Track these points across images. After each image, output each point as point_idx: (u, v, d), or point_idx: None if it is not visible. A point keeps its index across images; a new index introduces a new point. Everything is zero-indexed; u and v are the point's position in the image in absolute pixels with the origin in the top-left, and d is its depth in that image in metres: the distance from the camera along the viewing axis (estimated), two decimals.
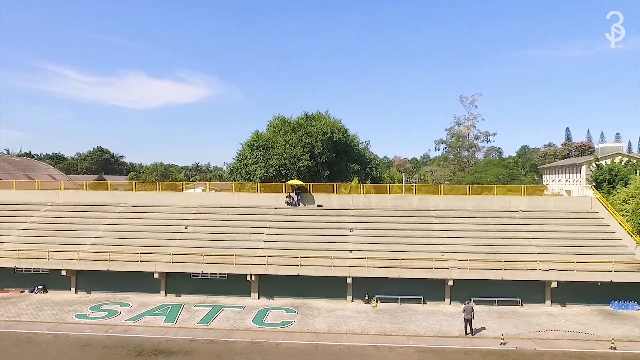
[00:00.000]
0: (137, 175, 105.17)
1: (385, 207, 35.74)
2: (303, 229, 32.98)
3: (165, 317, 24.98)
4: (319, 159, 41.32)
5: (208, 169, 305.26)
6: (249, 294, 28.67)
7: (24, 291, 29.94)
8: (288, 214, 34.98)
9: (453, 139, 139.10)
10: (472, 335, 22.51)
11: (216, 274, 29.00)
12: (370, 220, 34.09)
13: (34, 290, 29.88)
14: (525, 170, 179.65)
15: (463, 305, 23.50)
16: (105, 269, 28.90)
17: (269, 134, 42.54)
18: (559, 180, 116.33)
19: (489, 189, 41.77)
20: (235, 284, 28.71)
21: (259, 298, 28.51)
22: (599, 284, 27.30)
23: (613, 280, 26.80)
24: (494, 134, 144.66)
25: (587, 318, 25.45)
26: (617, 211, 33.75)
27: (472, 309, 22.95)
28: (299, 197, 35.78)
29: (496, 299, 27.53)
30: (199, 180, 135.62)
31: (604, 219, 32.80)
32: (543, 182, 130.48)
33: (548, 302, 27.63)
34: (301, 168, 39.99)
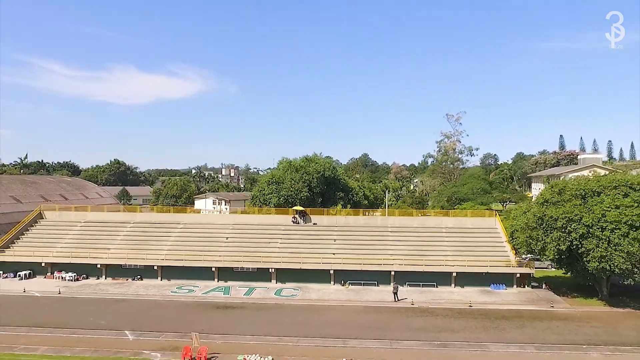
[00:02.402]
0: (160, 190, 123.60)
1: (358, 225, 54.93)
2: (303, 239, 52.18)
3: (222, 292, 44.13)
4: (314, 190, 60.64)
5: (210, 175, 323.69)
6: (270, 280, 47.70)
7: (128, 279, 49.03)
8: (293, 229, 54.17)
9: (440, 152, 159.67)
10: (398, 301, 41.51)
11: (249, 267, 48.06)
12: (348, 233, 53.21)
13: (134, 278, 49.02)
14: (513, 179, 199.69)
15: (393, 285, 42.68)
16: (181, 265, 48.09)
17: (280, 172, 62.19)
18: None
19: (428, 212, 60.60)
20: (261, 274, 47.77)
21: (276, 283, 47.55)
22: (484, 273, 46.35)
23: (489, 272, 45.92)
24: (477, 149, 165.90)
25: (471, 294, 44.39)
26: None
27: (398, 287, 42.11)
28: (301, 218, 55.01)
29: (421, 283, 46.47)
30: (209, 191, 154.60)
31: (499, 233, 51.87)
32: (531, 191, 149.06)
33: (453, 285, 46.53)
34: (302, 197, 59.30)
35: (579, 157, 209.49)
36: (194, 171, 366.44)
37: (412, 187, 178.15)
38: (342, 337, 31.15)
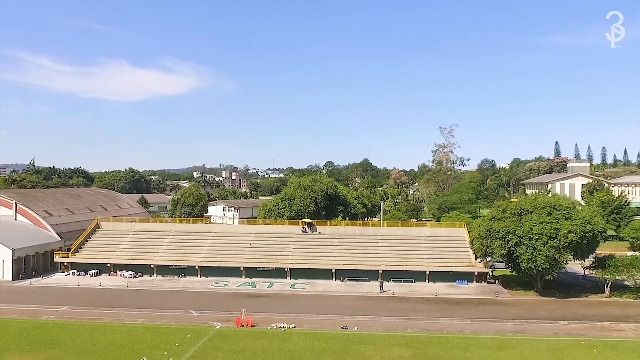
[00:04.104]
0: (177, 199, 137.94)
1: (354, 233, 69.87)
2: (311, 245, 67.08)
3: (250, 286, 58.99)
4: (319, 205, 75.84)
5: (213, 179, 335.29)
6: (285, 277, 62.42)
7: (174, 277, 63.83)
8: (303, 237, 69.08)
9: (434, 163, 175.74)
10: (383, 292, 56.33)
11: (269, 267, 62.93)
12: (346, 240, 68.09)
13: (179, 276, 63.84)
14: (509, 185, 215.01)
15: (379, 280, 57.64)
16: (216, 265, 62.99)
17: (291, 191, 77.59)
18: (549, 192, 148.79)
19: (410, 224, 75.50)
20: (278, 273, 62.57)
21: (290, 279, 62.26)
22: (451, 272, 61.18)
23: (455, 270, 60.77)
24: (468, 159, 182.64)
25: (439, 287, 59.07)
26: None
27: (383, 282, 57.04)
28: (309, 228, 69.96)
29: (402, 279, 61.17)
30: (218, 198, 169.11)
31: (465, 240, 66.65)
32: (538, 192, 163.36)
33: (427, 281, 61.18)
34: (309, 211, 74.41)
35: (567, 165, 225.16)
36: (195, 174, 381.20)
37: (412, 192, 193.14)
38: (340, 314, 46.01)
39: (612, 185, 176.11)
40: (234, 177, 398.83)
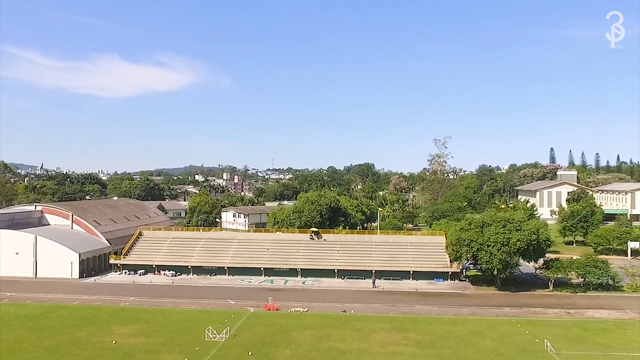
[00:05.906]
0: (194, 207, 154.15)
1: (353, 240, 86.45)
2: (317, 249, 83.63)
3: (269, 283, 75.47)
4: (324, 216, 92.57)
5: (219, 185, 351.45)
6: (297, 276, 78.78)
7: (207, 276, 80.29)
8: (311, 243, 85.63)
9: (429, 172, 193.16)
10: (375, 287, 72.86)
11: (284, 267, 79.44)
12: (346, 245, 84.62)
13: (211, 275, 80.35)
14: (505, 190, 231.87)
15: (372, 278, 74.23)
16: (241, 266, 79.63)
17: (301, 204, 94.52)
18: (528, 201, 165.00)
19: (399, 232, 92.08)
20: (291, 272, 78.96)
21: (301, 277, 78.63)
22: (430, 271, 77.69)
23: (433, 270, 77.28)
24: (461, 169, 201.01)
25: (420, 284, 75.45)
26: None
27: (375, 279, 73.63)
28: (316, 235, 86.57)
29: (391, 277, 77.49)
30: (228, 205, 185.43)
31: (443, 246, 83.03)
32: (517, 202, 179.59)
33: (410, 279, 77.56)
34: (316, 222, 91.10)
35: (557, 172, 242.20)
36: (198, 177, 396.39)
37: (411, 196, 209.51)
38: (341, 302, 62.51)
39: (599, 192, 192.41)
40: (236, 181, 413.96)
